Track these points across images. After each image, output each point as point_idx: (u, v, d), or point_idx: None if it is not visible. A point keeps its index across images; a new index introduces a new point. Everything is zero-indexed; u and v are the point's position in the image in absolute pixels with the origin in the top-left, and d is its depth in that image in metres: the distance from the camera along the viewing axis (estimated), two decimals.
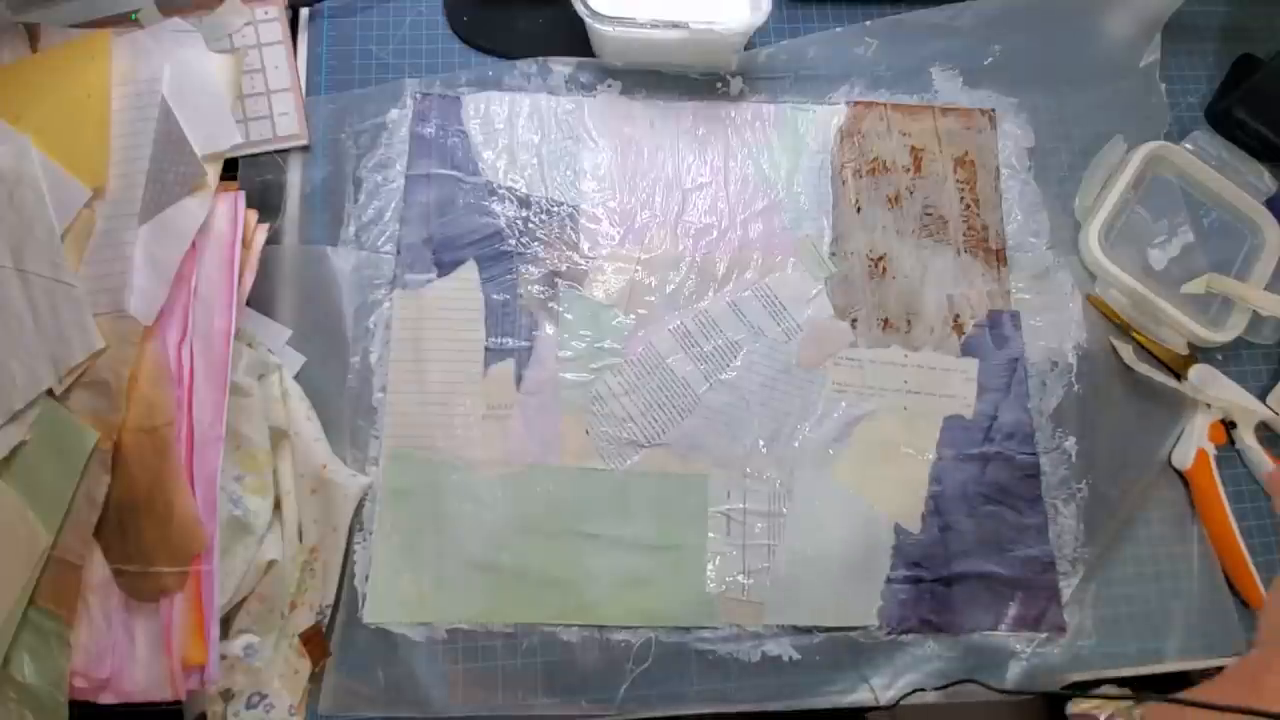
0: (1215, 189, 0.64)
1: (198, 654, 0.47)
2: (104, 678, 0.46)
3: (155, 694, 0.47)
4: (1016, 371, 0.60)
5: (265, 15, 0.61)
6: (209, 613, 0.47)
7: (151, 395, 0.49)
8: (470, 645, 0.52)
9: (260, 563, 0.50)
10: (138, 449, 0.48)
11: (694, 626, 0.54)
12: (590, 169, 0.62)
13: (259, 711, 0.49)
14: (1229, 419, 0.61)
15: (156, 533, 0.47)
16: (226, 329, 0.51)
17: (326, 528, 0.53)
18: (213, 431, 0.49)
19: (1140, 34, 0.68)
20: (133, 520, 0.48)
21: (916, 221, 0.63)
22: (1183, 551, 0.58)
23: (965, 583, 0.56)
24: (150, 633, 0.47)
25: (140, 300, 0.50)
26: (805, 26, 0.67)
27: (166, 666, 0.46)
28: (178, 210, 0.52)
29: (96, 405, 0.49)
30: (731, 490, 0.56)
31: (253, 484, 0.51)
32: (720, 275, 0.61)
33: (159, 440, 0.48)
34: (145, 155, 0.54)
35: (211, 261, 0.52)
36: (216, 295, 0.52)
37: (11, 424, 0.49)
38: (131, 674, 0.47)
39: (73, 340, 0.49)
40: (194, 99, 0.56)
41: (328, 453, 0.53)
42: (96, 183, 0.53)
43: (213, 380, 0.50)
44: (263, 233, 0.55)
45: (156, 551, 0.47)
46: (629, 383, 0.58)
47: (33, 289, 0.50)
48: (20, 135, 0.53)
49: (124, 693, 0.47)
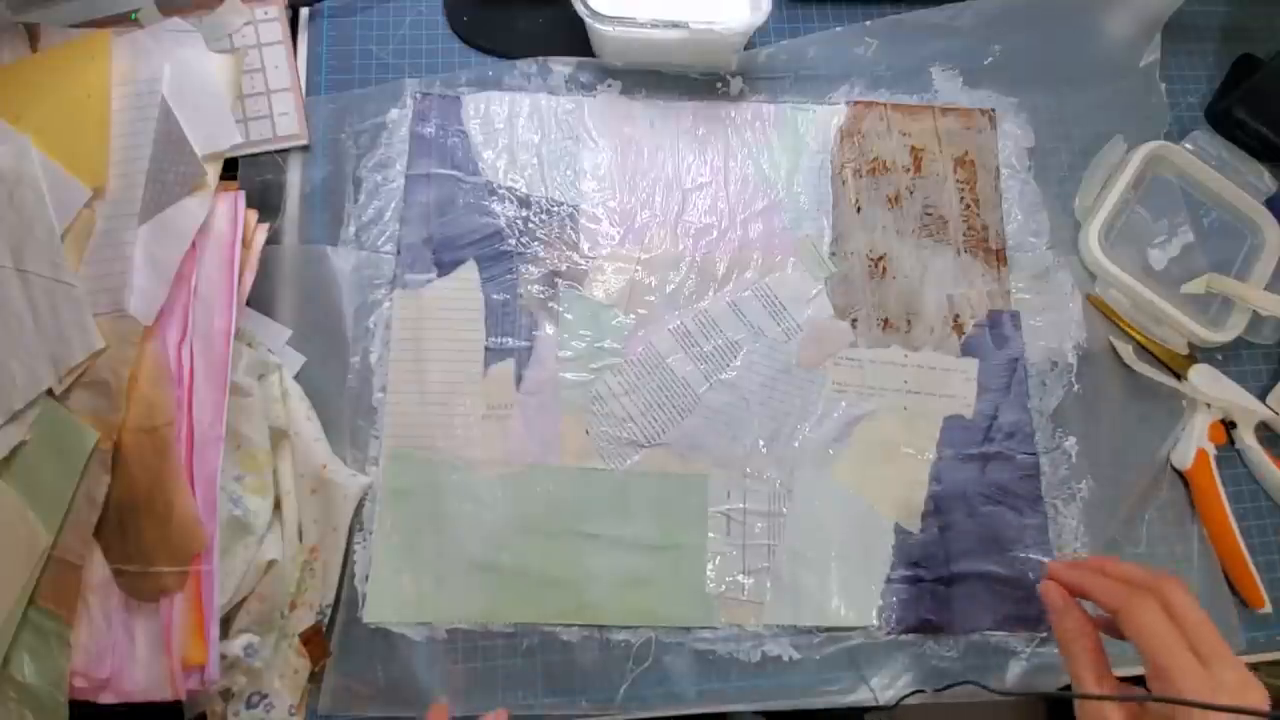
0: (1215, 189, 0.64)
1: (198, 654, 0.47)
2: (104, 678, 0.46)
3: (155, 694, 0.46)
4: (1016, 371, 0.60)
5: (265, 15, 0.61)
6: (209, 613, 0.47)
7: (151, 395, 0.49)
8: (470, 645, 0.52)
9: (260, 563, 0.50)
10: (138, 449, 0.48)
11: (694, 626, 0.54)
12: (590, 169, 0.62)
13: (259, 711, 0.49)
14: (1229, 419, 0.61)
15: (156, 532, 0.47)
16: (226, 329, 0.51)
17: (326, 528, 0.53)
18: (213, 431, 0.49)
19: (1140, 34, 0.68)
20: (133, 520, 0.48)
21: (916, 221, 0.63)
22: (1183, 551, 0.58)
23: (965, 583, 0.56)
24: (150, 633, 0.47)
25: (140, 300, 0.50)
26: (805, 26, 0.67)
27: (166, 666, 0.46)
28: (178, 210, 0.52)
29: (96, 405, 0.49)
30: (731, 490, 0.56)
31: (253, 484, 0.51)
32: (720, 275, 0.61)
33: (159, 440, 0.48)
34: (145, 155, 0.54)
35: (211, 261, 0.52)
36: (216, 295, 0.52)
37: (11, 424, 0.49)
38: (131, 674, 0.47)
39: (73, 340, 0.49)
40: (194, 99, 0.56)
41: (328, 453, 0.53)
42: (97, 182, 0.53)
43: (213, 380, 0.50)
44: (263, 233, 0.55)
45: (156, 551, 0.47)
46: (629, 383, 0.58)
47: (33, 289, 0.50)
48: (20, 135, 0.53)
49: (124, 692, 0.47)
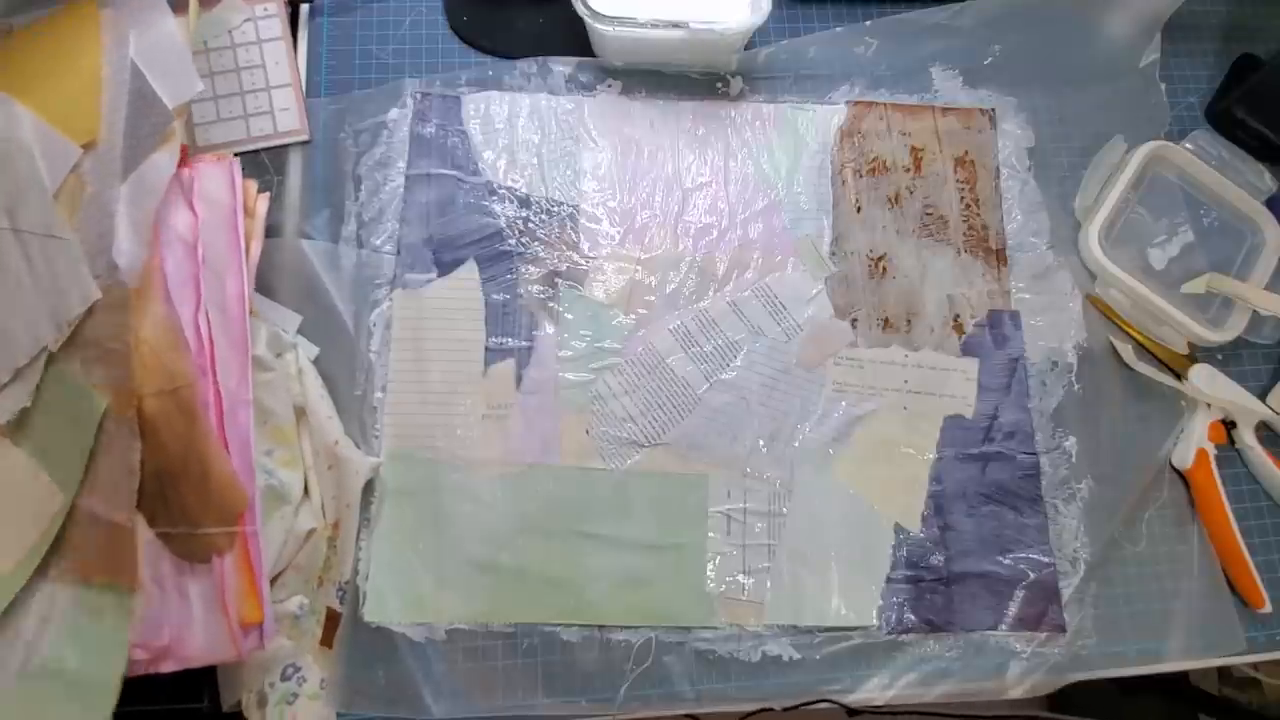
0: (1215, 189, 0.65)
1: (254, 612, 0.46)
2: (163, 644, 0.46)
3: (217, 655, 0.46)
4: (1016, 371, 0.60)
5: (265, 12, 0.61)
6: (259, 572, 0.47)
7: (167, 360, 0.48)
8: (470, 645, 0.52)
9: (299, 532, 0.51)
10: (164, 415, 0.48)
11: (694, 626, 0.54)
12: (590, 169, 0.62)
13: (292, 684, 0.50)
14: (1229, 419, 0.61)
15: (197, 495, 0.47)
16: (240, 293, 0.51)
17: (342, 504, 0.53)
18: (240, 394, 0.49)
19: (1140, 34, 0.68)
20: (172, 485, 0.47)
21: (916, 221, 0.63)
22: (1183, 551, 0.58)
23: (965, 583, 0.56)
24: (205, 594, 0.46)
25: (126, 261, 0.50)
26: (805, 26, 0.67)
27: (225, 626, 0.46)
28: (149, 166, 0.52)
29: (110, 375, 0.48)
30: (731, 490, 0.56)
31: (283, 457, 0.52)
32: (720, 275, 0.61)
33: (182, 403, 0.48)
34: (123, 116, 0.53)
35: (215, 229, 0.52)
36: (226, 261, 0.52)
37: (17, 383, 0.48)
38: (191, 637, 0.46)
39: (70, 293, 0.49)
40: (159, 57, 0.55)
41: (339, 430, 0.54)
42: (89, 138, 0.52)
43: (233, 345, 0.50)
44: (264, 201, 0.55)
45: (201, 513, 0.47)
46: (629, 382, 0.58)
47: (29, 248, 0.50)
48: (7, 97, 0.53)
49: (185, 658, 0.46)
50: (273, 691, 0.50)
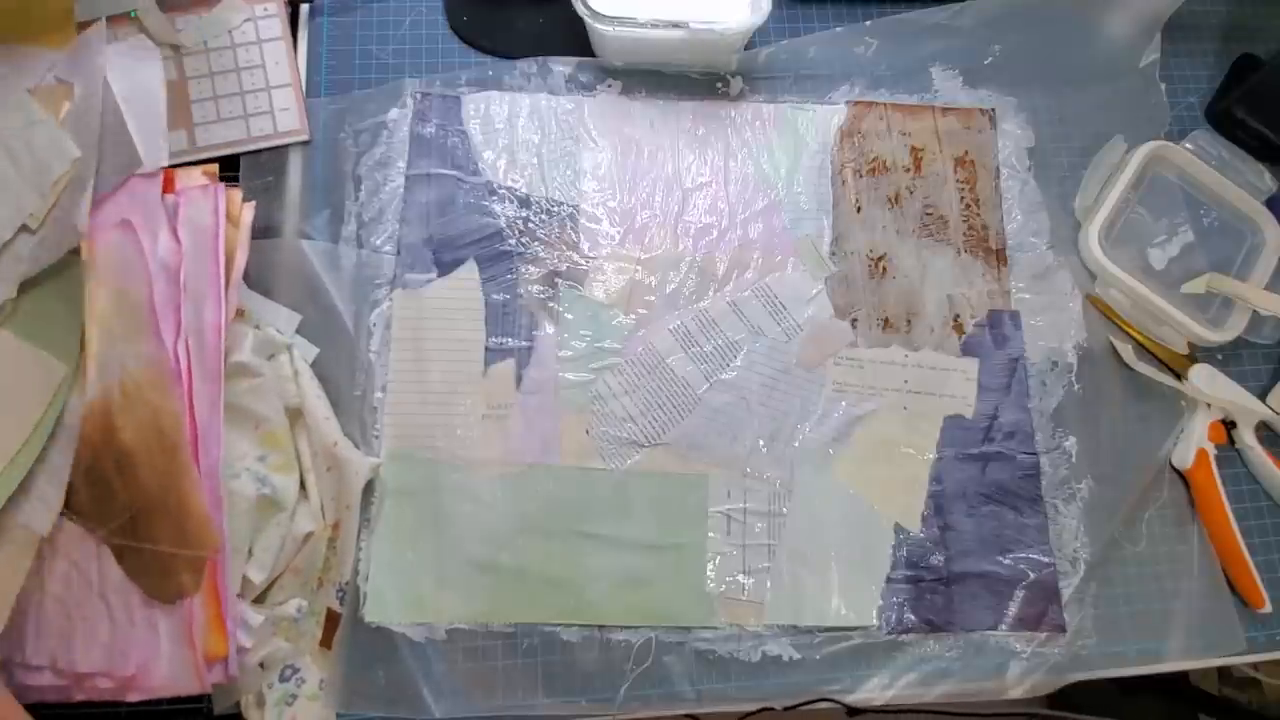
0: (1215, 189, 0.65)
1: (219, 646, 0.47)
2: (129, 675, 0.46)
3: (182, 687, 0.46)
4: (1016, 371, 0.60)
5: (265, 12, 0.61)
6: (226, 606, 0.47)
7: (157, 402, 0.49)
8: (470, 645, 0.52)
9: (297, 535, 0.51)
10: (145, 450, 0.48)
11: (694, 626, 0.54)
12: (590, 169, 0.62)
13: (290, 685, 0.50)
14: (1229, 419, 0.61)
15: (172, 530, 0.47)
16: (217, 323, 0.51)
17: (342, 505, 0.53)
18: (211, 425, 0.49)
19: (1140, 34, 0.68)
20: (146, 520, 0.48)
21: (916, 221, 0.63)
22: (1183, 551, 0.58)
23: (965, 583, 0.56)
24: (173, 629, 0.47)
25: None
26: (805, 26, 0.67)
27: (191, 659, 0.46)
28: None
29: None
30: (731, 490, 0.56)
31: (277, 462, 0.51)
32: (720, 275, 0.61)
33: (165, 439, 0.48)
34: None
35: (197, 256, 0.52)
36: (205, 289, 0.52)
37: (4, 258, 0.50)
38: (158, 669, 0.46)
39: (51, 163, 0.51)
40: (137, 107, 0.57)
41: (338, 430, 0.53)
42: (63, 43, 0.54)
43: (207, 374, 0.50)
44: (250, 210, 0.55)
45: (174, 548, 0.47)
46: (629, 382, 0.58)
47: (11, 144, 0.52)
48: None
49: (150, 688, 0.46)
50: (271, 692, 0.50)
